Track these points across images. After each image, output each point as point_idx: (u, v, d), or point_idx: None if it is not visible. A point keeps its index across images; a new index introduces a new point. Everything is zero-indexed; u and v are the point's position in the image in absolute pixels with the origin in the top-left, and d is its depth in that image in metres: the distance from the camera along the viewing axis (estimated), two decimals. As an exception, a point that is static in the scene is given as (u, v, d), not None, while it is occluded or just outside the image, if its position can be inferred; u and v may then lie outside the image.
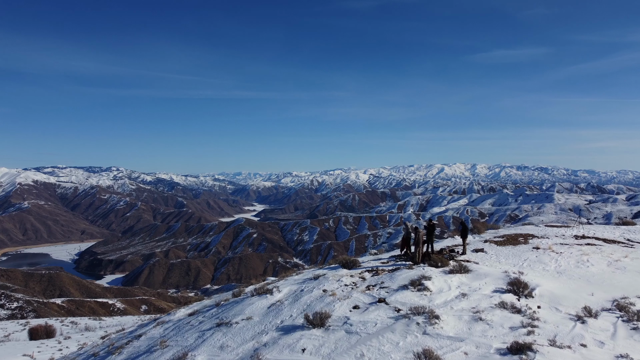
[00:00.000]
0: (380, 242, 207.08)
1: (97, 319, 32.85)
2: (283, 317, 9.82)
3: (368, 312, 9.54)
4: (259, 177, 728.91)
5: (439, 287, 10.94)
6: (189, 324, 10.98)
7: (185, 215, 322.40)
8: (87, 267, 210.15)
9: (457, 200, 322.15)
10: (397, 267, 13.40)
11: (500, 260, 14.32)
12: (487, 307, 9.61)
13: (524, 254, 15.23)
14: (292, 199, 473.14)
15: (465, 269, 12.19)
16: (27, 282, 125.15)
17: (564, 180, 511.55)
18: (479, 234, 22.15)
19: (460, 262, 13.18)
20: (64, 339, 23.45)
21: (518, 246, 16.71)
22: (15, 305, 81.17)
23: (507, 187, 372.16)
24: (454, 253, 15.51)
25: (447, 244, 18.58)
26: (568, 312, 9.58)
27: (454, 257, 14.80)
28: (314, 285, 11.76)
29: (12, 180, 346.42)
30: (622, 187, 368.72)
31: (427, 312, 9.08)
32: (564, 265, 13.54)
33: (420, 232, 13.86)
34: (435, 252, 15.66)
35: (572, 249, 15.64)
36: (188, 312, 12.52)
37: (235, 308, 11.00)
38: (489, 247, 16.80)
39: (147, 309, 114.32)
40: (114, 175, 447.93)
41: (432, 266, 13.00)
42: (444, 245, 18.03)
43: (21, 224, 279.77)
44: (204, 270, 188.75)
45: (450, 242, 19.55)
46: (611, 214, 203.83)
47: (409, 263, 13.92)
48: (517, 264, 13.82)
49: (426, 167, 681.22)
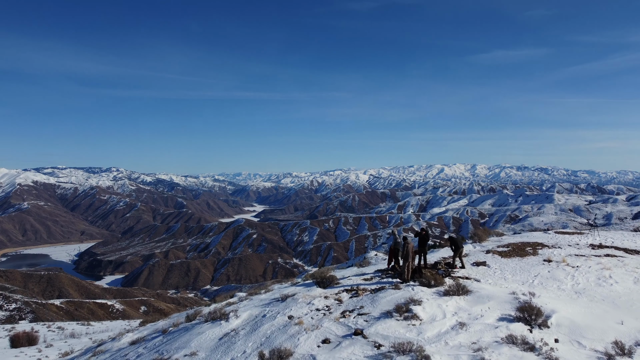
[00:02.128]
0: (380, 242, 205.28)
1: (85, 324, 31.57)
2: (234, 353, 7.87)
3: (340, 349, 7.56)
4: (258, 177, 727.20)
5: (431, 314, 8.94)
6: (125, 357, 9.00)
7: (185, 216, 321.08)
8: (87, 268, 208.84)
9: (457, 200, 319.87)
10: (381, 285, 11.57)
11: (506, 277, 12.41)
12: (492, 342, 7.67)
13: (534, 268, 13.27)
14: (292, 200, 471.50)
15: (463, 289, 10.21)
16: (26, 283, 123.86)
17: (564, 180, 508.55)
18: (480, 242, 19.50)
19: (457, 280, 11.28)
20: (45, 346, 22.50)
21: (526, 258, 14.68)
22: (14, 306, 79.66)
23: (507, 187, 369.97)
24: (451, 268, 13.51)
25: (443, 255, 16.40)
26: (594, 347, 7.61)
27: (451, 273, 12.90)
28: (280, 309, 9.85)
29: (12, 180, 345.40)
30: (622, 188, 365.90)
31: (415, 351, 7.10)
32: (583, 283, 11.61)
33: (410, 244, 11.84)
34: (428, 266, 13.80)
35: (589, 262, 13.68)
36: (133, 338, 10.60)
37: (181, 338, 9.10)
38: (492, 259, 14.80)
39: (146, 309, 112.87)
40: (114, 175, 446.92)
41: (423, 285, 11.09)
42: (439, 257, 15.91)
43: (21, 225, 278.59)
44: (204, 271, 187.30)
45: (446, 252, 17.33)
46: (611, 215, 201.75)
47: (396, 281, 12.02)
48: (527, 281, 11.94)
49: (426, 167, 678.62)
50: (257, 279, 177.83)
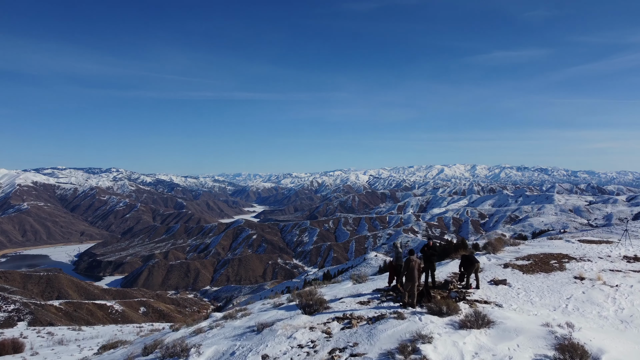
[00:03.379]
0: (380, 243, 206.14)
1: (76, 329, 31.42)
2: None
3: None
4: (258, 178, 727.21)
5: (446, 355, 7.04)
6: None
7: (185, 217, 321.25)
8: (86, 269, 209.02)
9: (457, 201, 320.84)
10: (380, 312, 9.56)
11: (533, 300, 10.34)
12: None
13: (565, 288, 11.29)
14: (292, 200, 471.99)
15: (484, 319, 8.26)
16: (25, 283, 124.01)
17: (564, 181, 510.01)
18: (495, 252, 16.76)
19: (475, 306, 9.34)
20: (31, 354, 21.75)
21: (553, 274, 12.73)
22: (12, 307, 79.97)
23: (507, 188, 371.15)
24: (466, 288, 11.54)
25: (453, 270, 14.02)
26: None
27: (466, 295, 10.85)
28: (253, 344, 8.28)
29: (12, 181, 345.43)
30: (622, 188, 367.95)
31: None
32: (628, 308, 9.63)
33: (415, 262, 9.95)
34: (437, 284, 11.93)
35: (629, 279, 11.88)
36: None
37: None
38: (512, 275, 12.76)
39: (145, 310, 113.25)
40: (114, 176, 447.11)
41: (433, 313, 8.99)
42: (449, 273, 13.70)
43: (20, 226, 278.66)
44: (204, 272, 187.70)
45: (455, 265, 14.52)
46: (612, 215, 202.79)
47: (399, 306, 10.06)
48: (559, 306, 9.91)
49: (426, 168, 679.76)
50: (256, 280, 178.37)
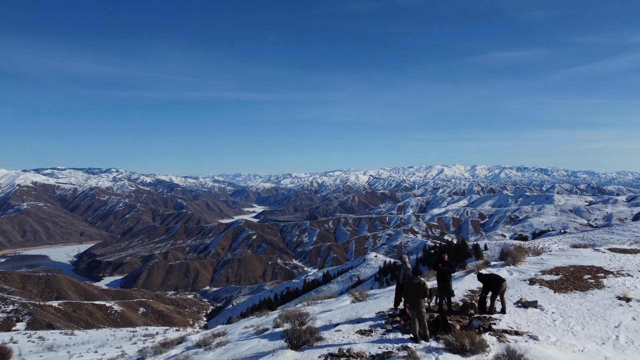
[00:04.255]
0: (380, 243, 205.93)
1: (68, 334, 30.77)
2: None
3: None
4: (258, 178, 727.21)
5: None
6: None
7: (185, 217, 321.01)
8: (86, 269, 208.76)
9: (457, 201, 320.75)
10: (386, 347, 7.48)
11: (574, 330, 8.21)
12: None
13: (610, 312, 9.10)
14: (291, 201, 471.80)
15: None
16: (25, 284, 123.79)
17: (564, 181, 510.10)
18: (515, 264, 14.15)
19: (505, 340, 7.27)
20: None
21: (590, 293, 10.41)
22: (11, 308, 79.62)
23: (507, 188, 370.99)
24: (489, 313, 9.11)
25: (470, 288, 11.45)
26: None
27: (490, 323, 8.45)
28: None
29: (11, 181, 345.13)
30: (622, 188, 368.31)
31: None
32: None
33: (421, 281, 8.05)
34: (455, 308, 9.48)
35: None
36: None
37: None
38: (541, 294, 10.40)
39: (145, 311, 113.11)
40: (114, 176, 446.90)
41: (453, 350, 6.90)
42: (465, 291, 11.08)
43: (20, 226, 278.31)
44: (203, 272, 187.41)
45: (472, 280, 12.03)
46: (612, 215, 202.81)
47: (409, 338, 7.85)
48: (607, 336, 7.91)
49: (426, 168, 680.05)
50: (256, 280, 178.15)
